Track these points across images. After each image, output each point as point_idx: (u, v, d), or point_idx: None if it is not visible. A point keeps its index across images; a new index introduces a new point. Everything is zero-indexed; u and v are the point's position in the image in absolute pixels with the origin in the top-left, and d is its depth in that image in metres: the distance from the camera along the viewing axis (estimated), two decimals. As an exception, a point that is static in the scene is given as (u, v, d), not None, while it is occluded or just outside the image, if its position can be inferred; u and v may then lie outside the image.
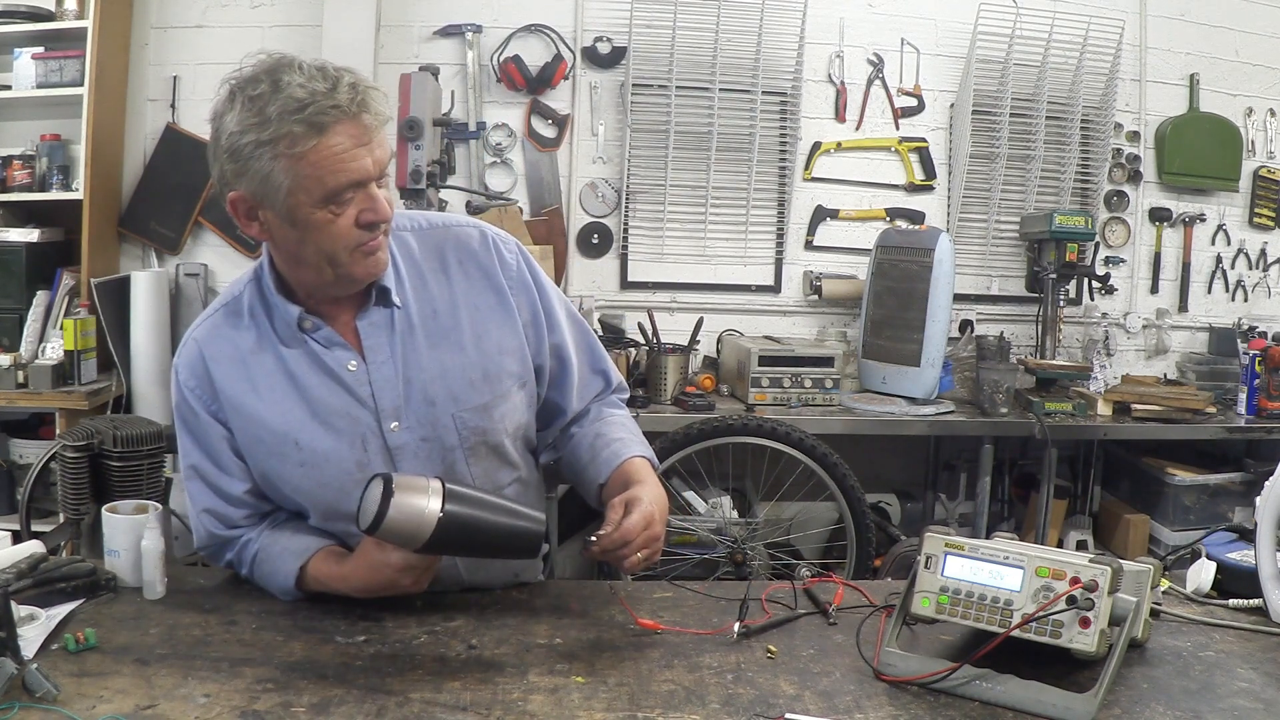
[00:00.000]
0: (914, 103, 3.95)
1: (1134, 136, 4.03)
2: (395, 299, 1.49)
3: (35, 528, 2.60)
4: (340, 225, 1.36)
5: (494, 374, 1.53)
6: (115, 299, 3.51)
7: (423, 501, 1.30)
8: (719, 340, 3.82)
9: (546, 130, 3.83)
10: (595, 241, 3.87)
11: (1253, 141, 4.07)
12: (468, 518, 1.33)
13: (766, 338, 3.77)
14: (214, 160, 1.38)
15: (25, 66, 3.44)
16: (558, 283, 3.70)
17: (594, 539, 1.39)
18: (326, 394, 1.47)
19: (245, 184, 1.35)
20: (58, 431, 3.21)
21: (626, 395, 1.76)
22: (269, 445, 1.48)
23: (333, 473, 1.47)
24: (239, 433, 1.49)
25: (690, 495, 3.23)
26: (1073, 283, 3.93)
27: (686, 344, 3.58)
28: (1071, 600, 1.19)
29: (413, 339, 1.50)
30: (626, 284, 3.90)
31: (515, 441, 1.59)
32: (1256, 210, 4.10)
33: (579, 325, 1.67)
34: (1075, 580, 1.20)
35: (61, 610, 1.38)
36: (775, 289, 3.96)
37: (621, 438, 1.60)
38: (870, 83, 3.91)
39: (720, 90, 3.79)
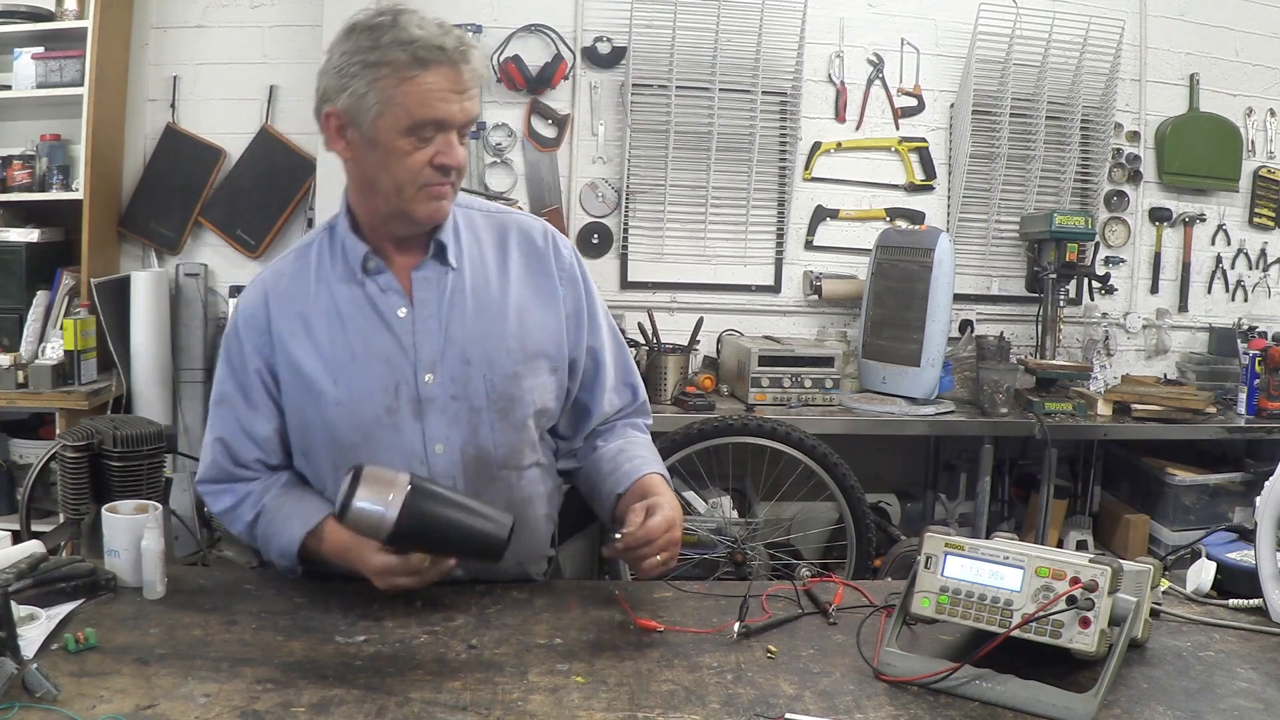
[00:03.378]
0: (914, 103, 3.95)
1: (1134, 136, 4.02)
2: (451, 259, 1.55)
3: (35, 528, 2.60)
4: (416, 159, 1.44)
5: (530, 349, 1.59)
6: (115, 299, 3.51)
7: (387, 493, 1.34)
8: (719, 340, 3.82)
9: (546, 130, 3.83)
10: (595, 241, 3.87)
11: (1253, 141, 4.07)
12: (430, 513, 1.36)
13: (766, 338, 3.77)
14: (320, 79, 1.48)
15: (25, 66, 3.44)
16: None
17: (618, 536, 1.43)
18: (372, 334, 1.54)
19: (342, 101, 1.43)
20: (58, 431, 3.21)
21: (650, 421, 1.81)
22: (308, 381, 1.53)
23: (362, 415, 1.52)
24: (282, 368, 1.55)
25: (690, 495, 3.22)
26: (1073, 283, 3.93)
27: (686, 344, 3.58)
28: (1071, 600, 1.19)
29: (461, 301, 1.56)
30: (626, 284, 3.90)
31: (539, 427, 1.63)
32: (1256, 210, 4.10)
33: (617, 338, 1.74)
34: (1075, 580, 1.20)
35: (61, 610, 1.38)
36: (775, 289, 3.96)
37: (643, 455, 1.67)
38: (870, 83, 3.91)
39: (720, 90, 3.79)
